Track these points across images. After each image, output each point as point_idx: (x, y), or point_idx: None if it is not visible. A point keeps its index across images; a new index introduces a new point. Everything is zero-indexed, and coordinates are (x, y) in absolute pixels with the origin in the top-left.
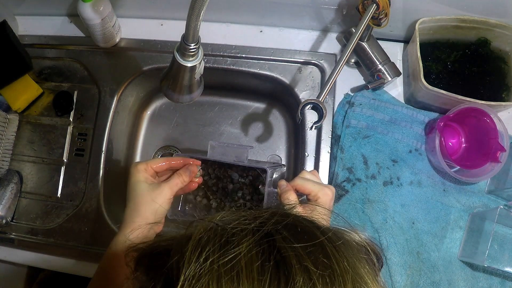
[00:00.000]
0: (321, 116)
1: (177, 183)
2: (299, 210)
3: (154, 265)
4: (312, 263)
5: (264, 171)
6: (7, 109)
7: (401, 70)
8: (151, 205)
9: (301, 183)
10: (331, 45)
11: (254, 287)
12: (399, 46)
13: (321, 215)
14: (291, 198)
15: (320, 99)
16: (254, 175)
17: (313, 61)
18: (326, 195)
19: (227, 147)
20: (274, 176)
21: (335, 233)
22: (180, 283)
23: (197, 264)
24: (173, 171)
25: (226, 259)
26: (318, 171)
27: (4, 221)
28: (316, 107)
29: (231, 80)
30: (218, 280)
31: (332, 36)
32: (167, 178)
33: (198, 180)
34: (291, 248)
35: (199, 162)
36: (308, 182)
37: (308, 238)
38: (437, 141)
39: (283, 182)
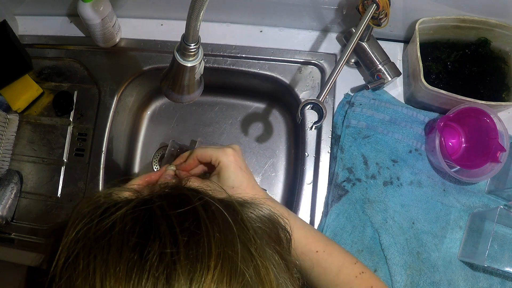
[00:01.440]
0: (321, 116)
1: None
2: (195, 184)
3: (52, 239)
4: (180, 229)
5: None
6: (7, 109)
7: (401, 70)
8: None
9: (200, 152)
10: (331, 45)
11: (122, 251)
12: (399, 46)
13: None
14: (194, 184)
15: (320, 99)
16: None
17: (313, 61)
18: (226, 155)
19: (212, 144)
20: None
21: (222, 201)
22: (59, 251)
23: (74, 232)
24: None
25: (102, 225)
26: (318, 171)
27: (4, 221)
28: (316, 107)
29: (231, 80)
30: (91, 245)
31: (332, 36)
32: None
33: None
34: (164, 215)
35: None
36: (207, 149)
37: (184, 205)
38: (437, 141)
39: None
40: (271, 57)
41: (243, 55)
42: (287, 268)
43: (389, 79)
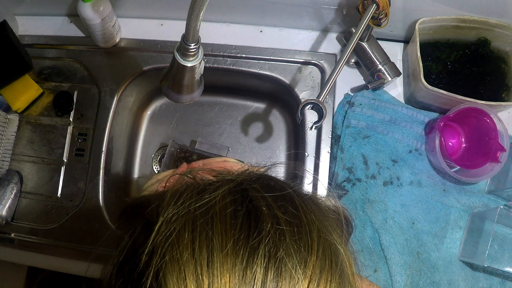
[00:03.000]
0: (321, 116)
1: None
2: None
3: (136, 214)
4: (281, 212)
5: None
6: (7, 109)
7: (401, 70)
8: None
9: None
10: (331, 45)
11: (226, 230)
12: (399, 46)
13: None
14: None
15: (320, 99)
16: None
17: (313, 61)
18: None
19: (211, 144)
20: None
21: (304, 191)
22: (158, 224)
23: (174, 207)
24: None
25: (201, 203)
26: (318, 171)
27: (4, 221)
28: (316, 107)
29: (231, 80)
30: (194, 222)
31: (332, 36)
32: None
33: None
34: (262, 197)
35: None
36: (229, 161)
37: (278, 190)
38: (437, 141)
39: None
40: (271, 57)
41: (243, 55)
42: (354, 260)
43: (389, 79)
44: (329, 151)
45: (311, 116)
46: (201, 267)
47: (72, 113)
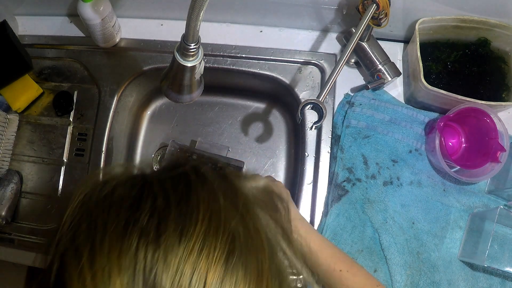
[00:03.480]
0: (321, 116)
1: None
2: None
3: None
4: (172, 191)
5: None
6: (7, 109)
7: (401, 70)
8: None
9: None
10: (331, 45)
11: (120, 213)
12: (399, 46)
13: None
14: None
15: (320, 99)
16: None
17: (313, 61)
18: (276, 185)
19: (211, 144)
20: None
21: (214, 170)
22: (64, 218)
23: (77, 202)
24: None
25: (102, 193)
26: (318, 171)
27: (4, 221)
28: (316, 107)
29: (231, 80)
30: (92, 210)
31: (332, 36)
32: None
33: None
34: (158, 180)
35: None
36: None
37: (175, 170)
38: (437, 141)
39: None
40: (271, 57)
41: (243, 55)
42: (285, 235)
43: (389, 79)
44: (329, 151)
45: (311, 116)
46: (94, 247)
47: (72, 113)
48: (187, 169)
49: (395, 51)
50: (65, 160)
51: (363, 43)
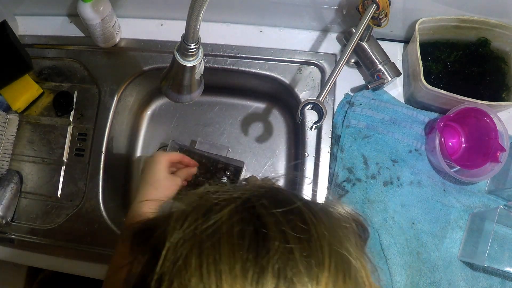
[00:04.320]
0: (321, 116)
1: (186, 177)
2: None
3: (144, 239)
4: (290, 227)
5: (239, 167)
6: (7, 109)
7: (401, 70)
8: (167, 190)
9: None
10: (331, 45)
11: (234, 251)
12: (399, 46)
13: None
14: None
15: (320, 99)
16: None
17: (313, 61)
18: None
19: (211, 144)
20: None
21: (314, 202)
22: (164, 251)
23: (180, 231)
24: (177, 167)
25: (208, 225)
26: (318, 171)
27: (4, 221)
28: (316, 107)
29: (231, 80)
30: (200, 245)
31: (332, 36)
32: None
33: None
34: (270, 214)
35: (197, 164)
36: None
37: (286, 205)
38: (437, 141)
39: None
40: (271, 57)
41: (243, 55)
42: (374, 268)
43: (389, 79)
44: (329, 151)
45: (311, 116)
46: None
47: (72, 113)
48: (300, 205)
49: (395, 51)
50: (65, 160)
51: (363, 43)
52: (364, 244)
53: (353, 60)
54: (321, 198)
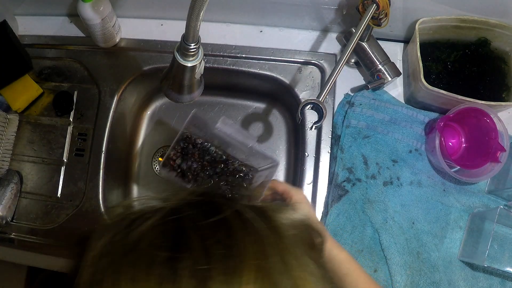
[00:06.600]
0: (321, 116)
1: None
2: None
3: (79, 249)
4: (212, 241)
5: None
6: (7, 109)
7: (401, 70)
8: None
9: (274, 182)
10: (331, 45)
11: (153, 268)
12: (399, 46)
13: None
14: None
15: (320, 99)
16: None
17: (313, 61)
18: (299, 193)
19: (236, 130)
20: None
21: (253, 208)
22: (82, 267)
23: (98, 245)
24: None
25: (127, 240)
26: (318, 171)
27: (4, 221)
28: (316, 107)
29: (231, 80)
30: (119, 261)
31: (332, 36)
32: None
33: None
34: (195, 226)
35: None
36: (281, 183)
37: (215, 215)
38: (437, 141)
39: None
40: (271, 57)
41: (243, 55)
42: (324, 277)
43: (389, 79)
44: (329, 151)
45: (311, 116)
46: None
47: (72, 113)
48: (228, 215)
49: (395, 51)
50: (65, 160)
51: (363, 43)
52: (319, 250)
53: (353, 60)
54: (262, 204)
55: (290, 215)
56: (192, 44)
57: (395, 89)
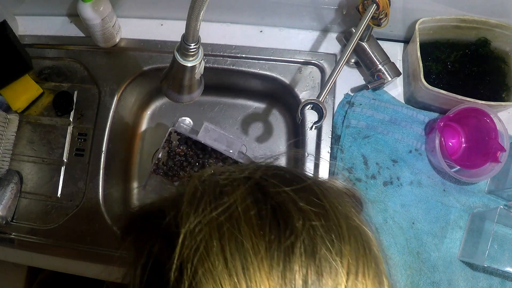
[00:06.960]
0: (321, 116)
1: None
2: None
3: (147, 229)
4: (306, 203)
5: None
6: (7, 109)
7: (401, 70)
8: None
9: None
10: (331, 45)
11: (255, 232)
12: (399, 46)
13: None
14: None
15: (320, 99)
16: None
17: (313, 61)
18: None
19: (221, 133)
20: None
21: (321, 178)
22: (181, 238)
23: (195, 216)
24: None
25: (223, 208)
26: (318, 171)
27: (4, 221)
28: (316, 107)
29: (231, 80)
30: (219, 228)
31: (332, 36)
32: None
33: None
34: (283, 192)
35: None
36: None
37: (296, 183)
38: (437, 141)
39: None
40: (271, 57)
41: (243, 55)
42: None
43: (389, 79)
44: (329, 151)
45: (311, 116)
46: (237, 276)
47: (72, 113)
48: (307, 180)
49: (395, 51)
50: (65, 160)
51: (363, 43)
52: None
53: (353, 60)
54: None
55: (339, 183)
56: (192, 44)
57: (395, 89)
